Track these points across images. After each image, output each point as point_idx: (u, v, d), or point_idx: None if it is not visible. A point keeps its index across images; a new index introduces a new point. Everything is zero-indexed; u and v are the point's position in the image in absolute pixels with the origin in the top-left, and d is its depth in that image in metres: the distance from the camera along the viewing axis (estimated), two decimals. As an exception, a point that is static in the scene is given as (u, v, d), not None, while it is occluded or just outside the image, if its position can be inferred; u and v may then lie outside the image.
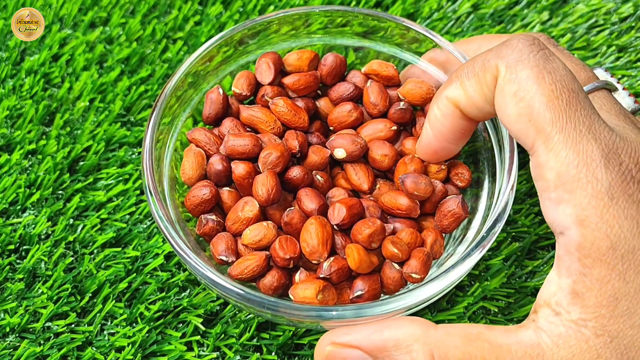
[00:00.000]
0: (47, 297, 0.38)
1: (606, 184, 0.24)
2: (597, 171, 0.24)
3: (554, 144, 0.25)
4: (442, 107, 0.30)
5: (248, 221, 0.34)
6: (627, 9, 0.49)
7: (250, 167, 0.34)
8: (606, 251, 0.24)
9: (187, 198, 0.34)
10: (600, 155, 0.24)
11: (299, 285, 0.32)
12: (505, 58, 0.27)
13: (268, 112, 0.37)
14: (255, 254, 0.33)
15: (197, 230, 0.34)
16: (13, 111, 0.44)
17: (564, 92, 0.26)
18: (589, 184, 0.24)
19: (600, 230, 0.24)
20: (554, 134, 0.25)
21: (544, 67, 0.26)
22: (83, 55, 0.46)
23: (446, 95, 0.30)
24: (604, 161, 0.24)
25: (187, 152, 0.36)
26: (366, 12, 0.38)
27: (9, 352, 0.37)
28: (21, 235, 0.40)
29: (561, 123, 0.25)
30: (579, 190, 0.24)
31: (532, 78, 0.26)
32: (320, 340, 0.29)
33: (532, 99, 0.26)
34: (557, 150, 0.25)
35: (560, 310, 0.25)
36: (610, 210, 0.24)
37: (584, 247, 0.24)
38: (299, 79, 0.37)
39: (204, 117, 0.37)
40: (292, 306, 0.30)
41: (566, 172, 0.24)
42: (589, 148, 0.25)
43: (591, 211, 0.24)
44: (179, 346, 0.37)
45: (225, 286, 0.31)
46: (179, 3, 0.49)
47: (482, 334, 0.26)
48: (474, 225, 0.35)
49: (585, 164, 0.24)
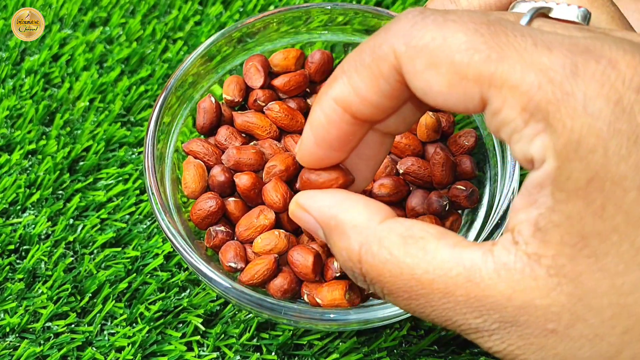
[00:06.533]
0: (47, 297, 0.38)
1: (581, 98, 0.19)
2: (566, 84, 0.20)
3: (503, 78, 0.20)
4: (327, 110, 0.24)
5: (263, 228, 0.34)
6: (628, 9, 0.49)
7: (254, 177, 0.34)
8: (585, 184, 0.20)
9: (192, 212, 0.34)
10: (562, 65, 0.20)
11: (323, 287, 0.32)
12: (399, 35, 0.22)
13: (262, 116, 0.37)
14: (264, 258, 0.33)
15: (207, 244, 0.34)
16: (13, 111, 0.44)
17: (482, 26, 0.21)
18: (560, 103, 0.20)
19: (582, 159, 0.19)
20: (498, 69, 0.20)
21: (444, 19, 0.21)
22: (83, 55, 0.46)
23: (332, 96, 0.24)
24: (570, 70, 0.20)
25: (187, 164, 0.35)
26: (365, 9, 0.38)
27: (9, 352, 0.37)
28: (21, 235, 0.40)
29: (498, 54, 0.20)
30: (551, 114, 0.20)
31: (438, 36, 0.21)
32: (294, 197, 0.27)
33: (451, 53, 0.21)
34: (509, 84, 0.20)
35: (519, 240, 0.21)
36: (594, 130, 0.19)
37: (559, 180, 0.20)
38: (289, 79, 0.37)
39: (198, 127, 0.37)
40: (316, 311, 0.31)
41: (531, 99, 0.20)
42: (544, 61, 0.20)
43: (570, 136, 0.19)
44: (179, 346, 0.37)
45: (240, 291, 0.31)
46: (179, 3, 0.49)
47: (424, 240, 0.22)
48: (475, 226, 0.35)
49: (550, 81, 0.20)
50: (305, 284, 0.34)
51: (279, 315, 0.31)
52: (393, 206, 0.36)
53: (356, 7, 0.38)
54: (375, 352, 0.37)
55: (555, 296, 0.20)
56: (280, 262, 0.33)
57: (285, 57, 0.38)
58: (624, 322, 0.20)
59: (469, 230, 0.35)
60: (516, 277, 0.20)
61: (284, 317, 0.31)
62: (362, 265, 0.23)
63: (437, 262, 0.22)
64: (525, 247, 0.21)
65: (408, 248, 0.22)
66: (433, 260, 0.22)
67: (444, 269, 0.21)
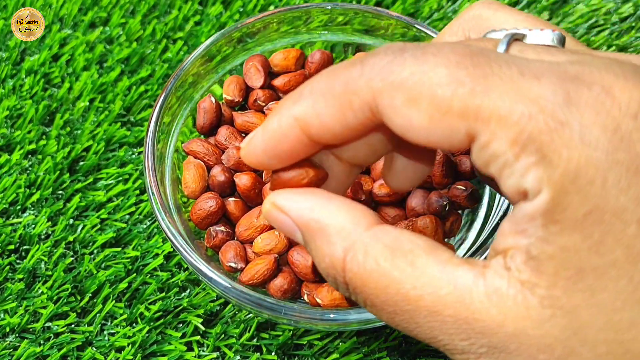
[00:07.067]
0: (47, 297, 0.38)
1: (576, 127, 0.19)
2: (559, 113, 0.19)
3: (490, 111, 0.19)
4: (284, 124, 0.23)
5: (263, 228, 0.34)
6: (627, 9, 0.49)
7: (254, 177, 0.34)
8: (582, 217, 0.19)
9: (192, 212, 0.34)
10: (553, 93, 0.19)
11: (323, 287, 0.32)
12: (375, 70, 0.21)
13: (262, 116, 0.37)
14: (264, 258, 0.33)
15: (207, 244, 0.34)
16: (13, 111, 0.44)
17: (464, 58, 0.20)
18: (554, 133, 0.19)
19: (579, 191, 0.19)
20: (484, 101, 0.19)
21: (422, 53, 0.20)
22: (83, 55, 0.46)
23: (293, 115, 0.23)
24: (562, 98, 0.19)
25: (187, 164, 0.36)
26: (365, 9, 0.38)
27: (9, 352, 0.37)
28: (21, 235, 0.40)
29: (483, 86, 0.19)
30: (545, 145, 0.19)
31: (417, 70, 0.20)
32: (268, 196, 0.25)
33: (432, 87, 0.20)
34: (497, 116, 0.19)
35: (511, 266, 0.20)
36: (592, 160, 0.18)
37: (553, 212, 0.19)
38: (289, 79, 0.37)
39: (198, 127, 0.37)
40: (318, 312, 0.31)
41: (522, 130, 0.19)
42: (533, 90, 0.19)
43: (567, 167, 0.19)
44: (179, 346, 0.37)
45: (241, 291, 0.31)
46: (179, 3, 0.49)
47: (414, 253, 0.21)
48: (476, 226, 0.35)
49: (541, 110, 0.19)
50: (305, 284, 0.34)
51: (279, 315, 0.31)
52: (393, 206, 0.36)
53: (356, 7, 0.38)
54: (375, 352, 0.37)
55: (549, 328, 0.20)
56: (280, 262, 0.33)
57: (285, 57, 0.38)
58: (619, 359, 0.20)
59: (469, 230, 0.35)
60: (508, 304, 0.20)
61: (284, 317, 0.31)
62: (346, 274, 0.22)
63: (426, 279, 0.21)
64: (518, 274, 0.20)
65: (396, 260, 0.21)
66: (422, 276, 0.21)
67: (433, 286, 0.20)
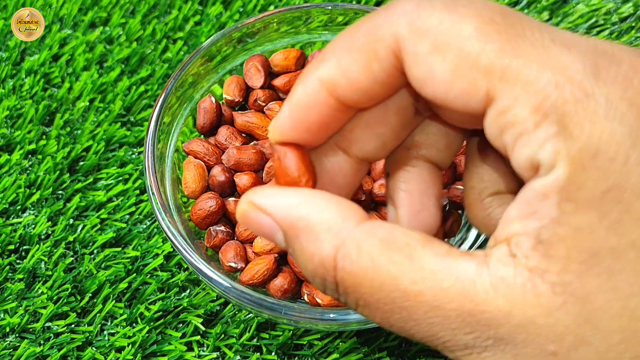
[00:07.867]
0: (47, 297, 0.38)
1: (602, 101, 0.18)
2: (587, 85, 0.18)
3: (516, 73, 0.18)
4: (310, 91, 0.22)
5: None
6: (627, 9, 0.49)
7: (254, 177, 0.34)
8: (600, 195, 0.18)
9: (192, 212, 0.34)
10: (582, 64, 0.18)
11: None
12: (402, 14, 0.20)
13: (263, 116, 0.37)
14: (264, 258, 0.33)
15: (207, 243, 0.34)
16: (13, 111, 0.44)
17: (496, 15, 0.19)
18: (579, 105, 0.18)
19: (599, 167, 0.18)
20: (512, 62, 0.18)
21: (453, 2, 0.20)
22: (83, 55, 0.46)
23: (318, 77, 0.22)
24: (590, 70, 0.18)
25: (187, 164, 0.36)
26: (365, 9, 0.38)
27: (9, 352, 0.37)
28: (21, 235, 0.40)
29: (513, 46, 0.19)
30: (568, 117, 0.18)
31: (446, 20, 0.19)
32: (243, 195, 0.24)
33: (461, 39, 0.19)
34: (523, 81, 0.18)
35: (517, 253, 0.19)
36: (616, 136, 0.18)
37: (569, 189, 0.18)
38: (289, 79, 0.37)
39: (199, 127, 0.37)
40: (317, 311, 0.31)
41: (547, 98, 0.18)
42: (562, 59, 0.18)
43: (587, 141, 0.18)
44: (179, 346, 0.37)
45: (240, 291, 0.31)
46: (179, 3, 0.49)
47: (410, 247, 0.20)
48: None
49: (569, 80, 0.18)
50: (305, 284, 0.34)
51: (279, 315, 0.31)
52: None
53: (356, 7, 0.38)
54: (375, 352, 0.37)
55: (560, 316, 0.18)
56: (280, 262, 0.33)
57: (285, 57, 0.38)
58: (634, 349, 0.18)
59: (469, 230, 0.35)
60: (516, 293, 0.19)
61: (284, 317, 0.31)
62: (337, 273, 0.21)
63: (425, 272, 0.19)
64: (525, 260, 0.19)
65: (392, 255, 0.20)
66: (421, 270, 0.20)
67: (433, 280, 0.19)
